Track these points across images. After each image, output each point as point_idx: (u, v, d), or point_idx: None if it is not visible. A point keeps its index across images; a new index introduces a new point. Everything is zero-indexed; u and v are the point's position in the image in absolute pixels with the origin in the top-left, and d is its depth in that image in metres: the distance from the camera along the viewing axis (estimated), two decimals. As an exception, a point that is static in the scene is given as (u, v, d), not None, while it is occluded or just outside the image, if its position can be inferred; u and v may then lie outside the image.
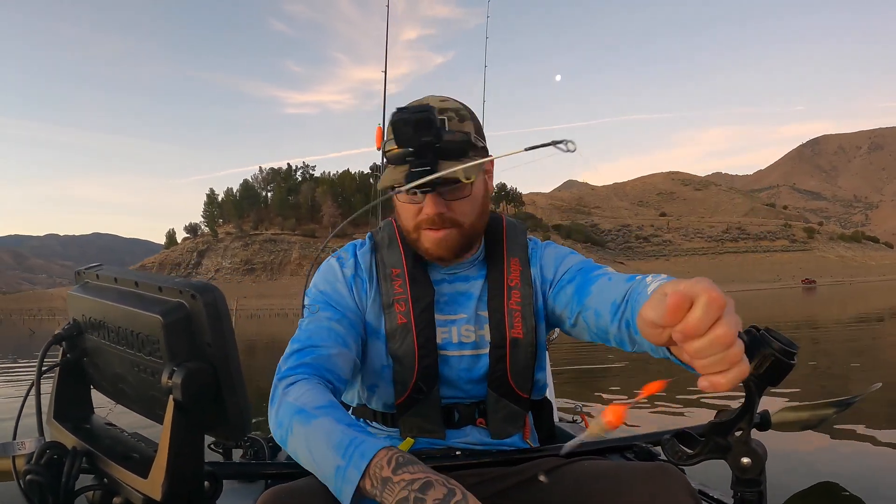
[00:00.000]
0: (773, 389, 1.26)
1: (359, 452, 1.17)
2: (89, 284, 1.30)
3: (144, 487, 1.09)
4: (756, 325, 1.37)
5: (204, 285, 1.08)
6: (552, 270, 1.79)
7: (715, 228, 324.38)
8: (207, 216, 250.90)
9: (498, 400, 1.72)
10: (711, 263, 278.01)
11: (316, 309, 1.66)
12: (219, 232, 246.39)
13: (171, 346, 1.05)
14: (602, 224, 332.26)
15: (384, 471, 1.13)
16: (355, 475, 1.15)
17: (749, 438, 1.42)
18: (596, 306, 1.58)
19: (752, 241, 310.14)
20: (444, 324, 1.73)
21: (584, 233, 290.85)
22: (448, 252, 1.67)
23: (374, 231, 1.87)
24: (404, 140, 1.51)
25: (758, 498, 1.42)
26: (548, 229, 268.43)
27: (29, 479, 1.11)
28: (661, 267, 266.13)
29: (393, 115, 1.52)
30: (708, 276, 0.96)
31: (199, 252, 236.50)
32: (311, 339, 1.55)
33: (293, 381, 1.42)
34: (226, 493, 1.26)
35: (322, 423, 1.28)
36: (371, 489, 1.13)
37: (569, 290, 1.71)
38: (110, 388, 1.28)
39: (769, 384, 1.35)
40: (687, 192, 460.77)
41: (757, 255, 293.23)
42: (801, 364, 5.62)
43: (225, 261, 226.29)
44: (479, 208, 1.70)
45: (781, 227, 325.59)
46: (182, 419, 1.05)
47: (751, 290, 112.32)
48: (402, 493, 1.08)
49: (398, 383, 1.68)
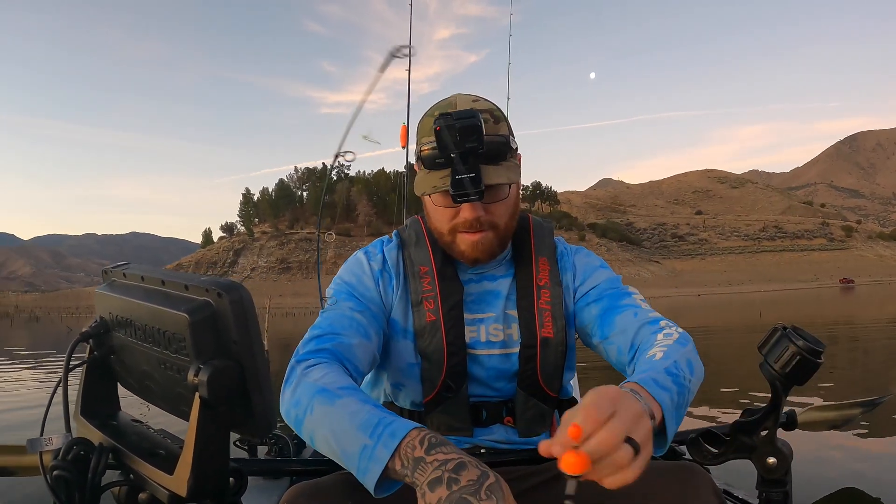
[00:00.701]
0: (808, 388, 1.25)
1: (389, 432, 1.16)
2: (116, 283, 1.31)
3: (170, 484, 1.10)
4: (783, 324, 1.36)
5: (230, 283, 1.08)
6: (581, 278, 1.79)
7: (751, 227, 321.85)
8: (243, 215, 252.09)
9: (527, 399, 1.71)
10: (748, 262, 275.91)
11: (335, 301, 1.65)
12: (255, 231, 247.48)
13: (198, 343, 1.06)
14: (637, 223, 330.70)
15: (416, 451, 1.12)
16: (385, 454, 1.14)
17: (775, 438, 1.41)
18: (619, 343, 1.61)
19: (789, 240, 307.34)
20: (473, 322, 1.72)
21: (620, 231, 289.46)
22: (485, 254, 1.66)
23: (400, 229, 1.87)
24: (448, 146, 1.49)
25: (783, 498, 1.41)
26: (583, 228, 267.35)
27: (56, 474, 1.13)
28: (698, 266, 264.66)
29: (436, 118, 1.50)
30: (744, 276, 0.99)
31: (235, 251, 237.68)
32: (333, 327, 1.54)
33: (313, 363, 1.41)
34: (251, 490, 1.27)
35: (347, 403, 1.26)
36: (401, 469, 1.12)
37: (593, 311, 1.72)
38: (137, 385, 1.29)
39: (795, 383, 1.34)
40: (723, 189, 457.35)
41: (794, 254, 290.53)
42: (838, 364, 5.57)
43: (261, 260, 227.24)
44: (513, 209, 1.69)
45: (819, 225, 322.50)
46: (208, 416, 1.06)
47: (788, 290, 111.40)
48: (435, 473, 1.07)
49: (426, 381, 1.68)
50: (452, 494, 1.03)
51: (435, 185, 1.55)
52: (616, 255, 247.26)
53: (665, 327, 1.54)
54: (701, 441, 1.51)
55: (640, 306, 1.66)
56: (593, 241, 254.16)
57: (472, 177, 1.49)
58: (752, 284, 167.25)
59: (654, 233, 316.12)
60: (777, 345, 1.35)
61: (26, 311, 64.11)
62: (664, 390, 1.23)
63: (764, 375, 1.39)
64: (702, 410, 6.42)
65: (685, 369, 1.34)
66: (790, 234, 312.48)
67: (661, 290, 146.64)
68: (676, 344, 1.43)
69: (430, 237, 1.76)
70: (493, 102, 1.67)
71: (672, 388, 1.26)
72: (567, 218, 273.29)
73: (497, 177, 1.54)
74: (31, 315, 49.08)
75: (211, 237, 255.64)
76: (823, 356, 1.32)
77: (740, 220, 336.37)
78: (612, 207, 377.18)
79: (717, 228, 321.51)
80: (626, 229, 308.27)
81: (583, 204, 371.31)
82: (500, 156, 1.58)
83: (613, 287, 1.75)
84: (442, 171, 1.56)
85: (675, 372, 1.30)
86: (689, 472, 1.38)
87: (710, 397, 7.07)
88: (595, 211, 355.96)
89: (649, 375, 1.27)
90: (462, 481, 1.05)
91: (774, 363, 1.35)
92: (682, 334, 1.50)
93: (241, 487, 1.20)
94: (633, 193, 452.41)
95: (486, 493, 1.03)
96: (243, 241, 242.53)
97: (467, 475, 1.05)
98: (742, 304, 44.98)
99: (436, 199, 1.64)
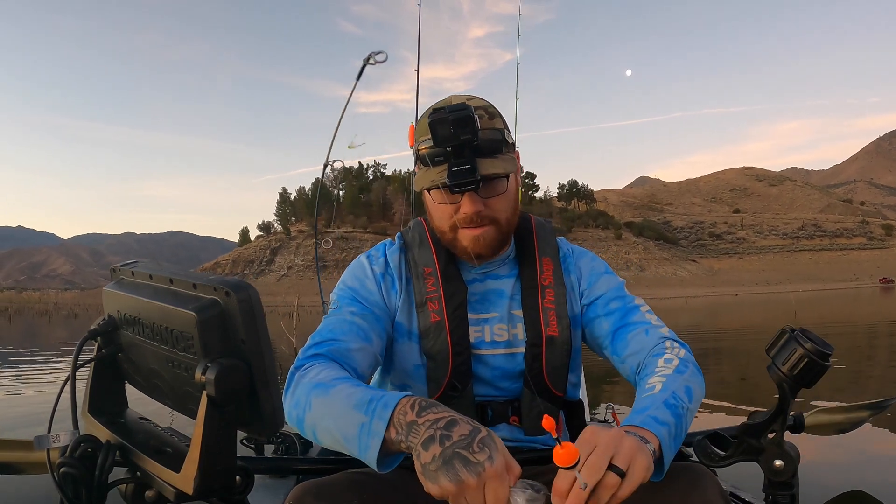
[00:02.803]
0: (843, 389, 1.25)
1: (381, 404, 1.19)
2: (125, 281, 1.32)
3: (177, 481, 1.11)
4: (791, 326, 1.35)
5: (238, 283, 1.09)
6: (587, 283, 1.81)
7: (790, 225, 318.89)
8: (280, 214, 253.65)
9: (533, 398, 1.71)
10: (786, 262, 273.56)
11: (337, 305, 1.66)
12: (291, 230, 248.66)
13: (205, 342, 1.06)
14: (674, 221, 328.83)
15: (408, 416, 1.15)
16: (381, 426, 1.16)
17: (782, 441, 1.40)
18: (632, 363, 1.66)
19: (828, 239, 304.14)
20: (477, 322, 1.73)
21: (657, 230, 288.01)
22: (487, 249, 1.66)
23: (403, 231, 1.87)
24: (443, 139, 1.51)
25: (790, 501, 1.40)
26: (620, 227, 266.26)
27: (63, 471, 1.14)
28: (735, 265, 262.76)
29: (430, 114, 1.52)
30: (782, 275, 1.01)
31: (272, 249, 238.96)
32: (333, 333, 1.56)
33: (309, 366, 1.44)
34: (257, 488, 1.28)
35: (341, 389, 1.30)
36: (396, 437, 1.15)
37: (605, 325, 1.74)
38: (144, 383, 1.30)
39: (803, 385, 1.33)
40: (761, 187, 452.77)
41: (833, 253, 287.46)
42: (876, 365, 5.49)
43: (297, 258, 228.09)
44: (513, 203, 1.70)
45: (858, 223, 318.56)
46: (215, 415, 1.07)
47: (826, 290, 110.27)
48: (427, 433, 1.10)
49: (432, 381, 1.69)
50: (446, 450, 1.07)
51: (433, 179, 1.56)
52: (653, 253, 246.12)
53: (668, 349, 1.59)
54: (708, 443, 1.50)
55: (650, 323, 1.70)
56: (630, 240, 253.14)
57: (468, 167, 1.51)
58: (789, 284, 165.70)
59: (692, 231, 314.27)
60: (785, 347, 1.34)
61: (65, 308, 64.72)
62: (662, 425, 1.30)
63: (771, 377, 1.39)
64: (707, 412, 6.38)
65: (683, 398, 1.40)
66: (829, 232, 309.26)
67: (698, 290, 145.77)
68: (675, 373, 1.48)
69: (434, 238, 1.77)
70: (487, 101, 1.68)
71: (670, 420, 1.32)
72: (604, 216, 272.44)
73: (493, 168, 1.55)
74: (70, 312, 49.56)
75: (248, 236, 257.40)
76: (831, 359, 1.31)
77: (778, 219, 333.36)
78: (649, 206, 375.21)
79: (754, 227, 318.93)
80: (663, 228, 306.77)
81: (619, 202, 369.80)
82: (495, 149, 1.59)
83: (620, 296, 1.77)
84: (439, 167, 1.56)
85: (674, 403, 1.37)
86: (696, 474, 1.37)
87: (714, 399, 7.06)
88: (632, 209, 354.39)
89: (649, 415, 1.32)
90: (454, 437, 1.09)
91: (782, 365, 1.34)
92: (682, 360, 1.54)
93: (247, 486, 1.21)
94: (670, 191, 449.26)
95: (478, 445, 1.08)
96: (280, 239, 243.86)
97: (459, 430, 1.10)
98: (779, 303, 44.57)
99: (435, 196, 1.64)
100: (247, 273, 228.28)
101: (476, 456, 1.06)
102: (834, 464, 4.17)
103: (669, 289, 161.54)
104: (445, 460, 1.07)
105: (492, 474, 1.06)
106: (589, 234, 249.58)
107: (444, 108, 1.52)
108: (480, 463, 1.06)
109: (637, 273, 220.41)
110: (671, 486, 1.34)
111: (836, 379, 7.99)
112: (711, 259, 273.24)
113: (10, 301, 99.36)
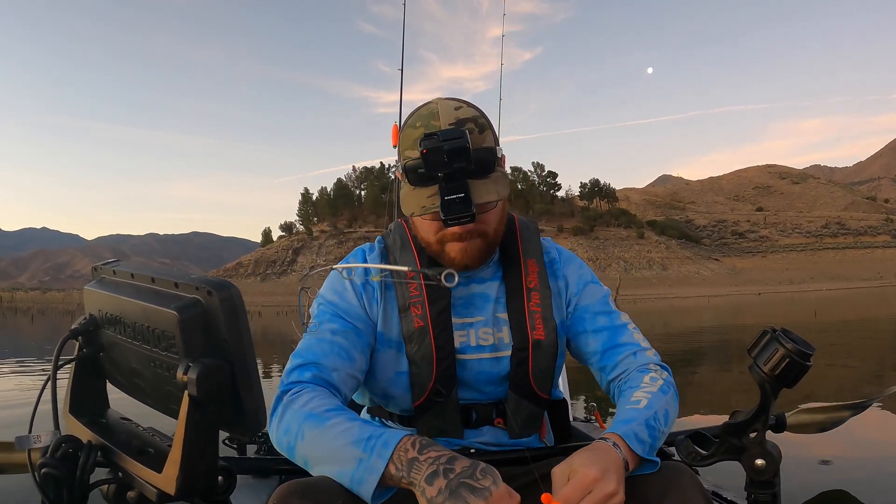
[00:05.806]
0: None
1: (381, 442, 1.24)
2: (106, 280, 1.32)
3: (159, 482, 1.11)
4: (773, 326, 1.35)
5: (220, 282, 1.09)
6: (574, 290, 1.80)
7: (813, 223, 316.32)
8: (302, 215, 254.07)
9: (519, 401, 1.70)
10: (809, 260, 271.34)
11: (317, 325, 1.63)
12: (313, 230, 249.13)
13: (187, 341, 1.07)
14: (697, 219, 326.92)
15: (409, 453, 1.21)
16: (380, 464, 1.21)
17: (764, 440, 1.41)
18: (616, 382, 1.71)
19: (852, 237, 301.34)
20: (462, 327, 1.70)
21: (679, 228, 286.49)
22: (475, 261, 1.64)
23: (384, 234, 1.85)
24: (436, 167, 1.46)
25: (771, 500, 1.40)
26: (642, 226, 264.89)
27: (44, 472, 1.14)
28: (758, 264, 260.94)
29: (422, 141, 1.47)
30: (806, 274, 1.01)
31: (294, 250, 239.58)
32: (314, 356, 1.55)
33: (297, 391, 1.45)
34: (240, 488, 1.29)
35: (337, 423, 1.33)
36: (396, 472, 1.20)
37: (592, 343, 1.75)
38: (126, 382, 1.31)
39: (785, 385, 1.34)
40: (784, 185, 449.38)
41: (857, 252, 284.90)
42: (890, 364, 5.46)
43: (319, 258, 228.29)
44: (501, 215, 1.67)
45: (883, 221, 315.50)
46: (197, 414, 1.07)
47: (850, 289, 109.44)
48: (430, 468, 1.17)
49: (416, 386, 1.67)
50: (451, 482, 1.14)
51: (424, 205, 1.52)
52: (675, 252, 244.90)
53: (652, 370, 1.66)
54: (690, 442, 1.51)
55: (639, 345, 1.72)
56: (652, 239, 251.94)
57: (462, 197, 1.46)
58: (813, 283, 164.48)
59: (714, 230, 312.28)
60: (766, 347, 1.35)
61: (89, 308, 65.15)
62: (640, 443, 1.40)
63: (753, 378, 1.39)
64: (690, 411, 6.36)
65: (661, 419, 1.48)
66: (853, 230, 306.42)
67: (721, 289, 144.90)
68: (660, 392, 1.55)
69: (416, 242, 1.72)
70: (475, 107, 1.64)
71: (647, 441, 1.42)
72: (625, 215, 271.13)
73: (487, 194, 1.52)
74: (94, 312, 49.85)
75: (270, 236, 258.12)
76: (812, 359, 1.31)
77: (802, 217, 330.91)
78: (671, 204, 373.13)
79: (778, 225, 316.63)
80: (686, 226, 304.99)
81: (641, 201, 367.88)
82: (487, 168, 1.55)
83: (607, 311, 1.78)
84: (428, 188, 1.52)
85: (653, 424, 1.45)
86: (678, 473, 1.37)
87: (696, 398, 7.06)
88: (654, 208, 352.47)
89: (631, 429, 1.42)
90: (457, 469, 1.16)
91: (763, 365, 1.35)
92: (666, 381, 1.60)
93: (230, 486, 1.21)
94: (692, 190, 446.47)
95: (481, 473, 1.16)
96: (302, 239, 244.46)
97: (460, 464, 1.17)
98: (803, 302, 44.31)
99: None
100: (269, 273, 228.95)
101: (481, 482, 1.14)
102: (816, 463, 4.20)
103: (692, 288, 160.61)
104: (452, 490, 1.13)
105: (497, 497, 1.14)
106: (611, 233, 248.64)
107: (437, 134, 1.47)
108: (486, 488, 1.14)
109: (659, 272, 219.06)
110: (653, 486, 1.35)
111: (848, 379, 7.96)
112: (734, 258, 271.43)
113: (34, 301, 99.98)
